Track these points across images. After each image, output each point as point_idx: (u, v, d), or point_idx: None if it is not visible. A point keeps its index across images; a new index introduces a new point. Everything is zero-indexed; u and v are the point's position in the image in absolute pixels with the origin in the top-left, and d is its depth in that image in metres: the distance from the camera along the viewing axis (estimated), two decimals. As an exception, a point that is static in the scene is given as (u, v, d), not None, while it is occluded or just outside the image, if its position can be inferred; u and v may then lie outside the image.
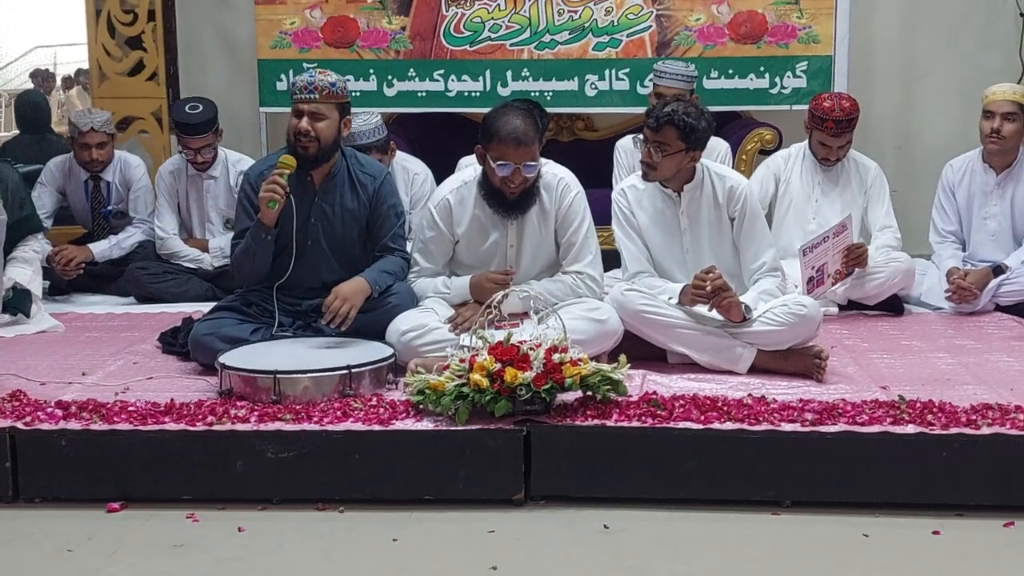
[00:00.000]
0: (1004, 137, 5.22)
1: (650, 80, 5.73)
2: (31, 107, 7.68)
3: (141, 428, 3.43)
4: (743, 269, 4.24)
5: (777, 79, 6.21)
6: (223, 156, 5.79)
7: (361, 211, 4.28)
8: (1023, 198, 5.31)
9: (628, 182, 4.36)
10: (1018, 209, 5.32)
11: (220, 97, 6.64)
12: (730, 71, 6.22)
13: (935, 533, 3.16)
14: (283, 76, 6.36)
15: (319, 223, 4.23)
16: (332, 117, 4.14)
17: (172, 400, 3.63)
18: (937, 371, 4.11)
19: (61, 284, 5.72)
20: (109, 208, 5.93)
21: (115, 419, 3.48)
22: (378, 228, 4.30)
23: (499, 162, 4.03)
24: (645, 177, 4.23)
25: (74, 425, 3.45)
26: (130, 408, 3.57)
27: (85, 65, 7.37)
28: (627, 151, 5.39)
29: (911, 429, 3.35)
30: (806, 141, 5.45)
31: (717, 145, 5.42)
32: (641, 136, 4.29)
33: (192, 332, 4.15)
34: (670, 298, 4.13)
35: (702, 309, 4.07)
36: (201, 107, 5.60)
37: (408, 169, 5.61)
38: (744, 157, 6.10)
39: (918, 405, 3.52)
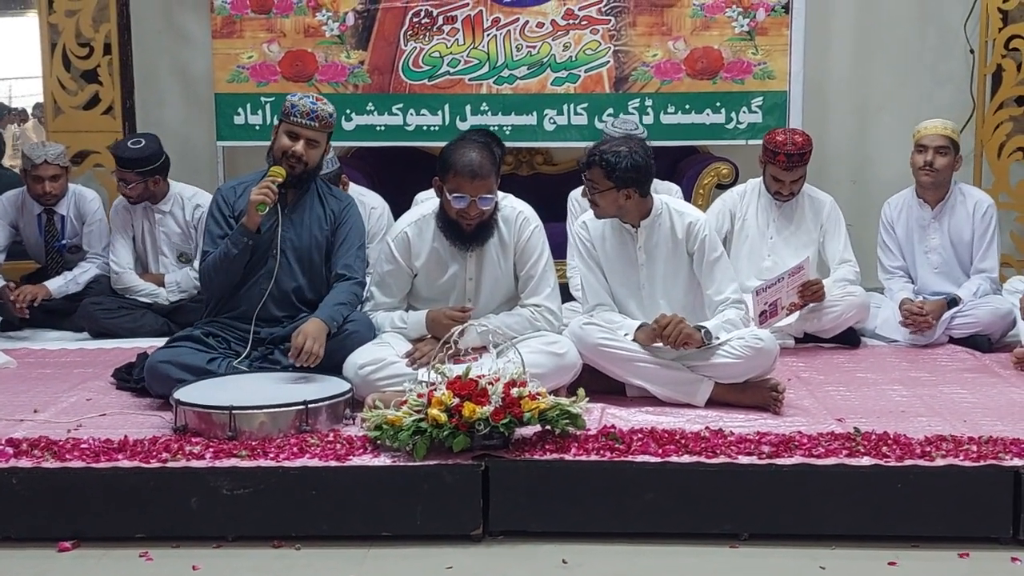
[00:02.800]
0: (937, 170, 5.29)
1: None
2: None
3: (94, 465, 3.39)
4: (706, 303, 4.25)
5: (733, 114, 6.27)
6: (177, 191, 5.74)
7: (328, 227, 4.33)
8: (958, 229, 5.38)
9: (589, 215, 4.38)
10: (956, 240, 5.39)
11: (177, 131, 6.66)
12: (686, 106, 6.27)
13: (891, 564, 3.18)
14: (240, 110, 6.35)
15: (287, 236, 4.26)
16: (322, 145, 4.29)
17: (126, 437, 3.60)
18: (892, 403, 4.15)
19: (14, 320, 5.65)
20: (63, 242, 5.87)
21: (67, 456, 3.44)
22: (338, 248, 4.33)
23: (455, 194, 4.04)
24: (596, 216, 4.27)
25: (25, 463, 3.41)
26: (83, 445, 3.53)
27: (40, 98, 7.30)
28: (579, 201, 5.40)
29: (866, 461, 3.38)
30: (761, 177, 5.50)
31: (668, 188, 5.44)
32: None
33: (148, 360, 4.12)
34: (626, 334, 4.14)
35: (659, 344, 4.08)
36: (142, 144, 5.54)
37: (365, 203, 5.58)
38: (701, 191, 6.16)
39: (873, 437, 3.56)
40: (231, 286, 4.25)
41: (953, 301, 5.20)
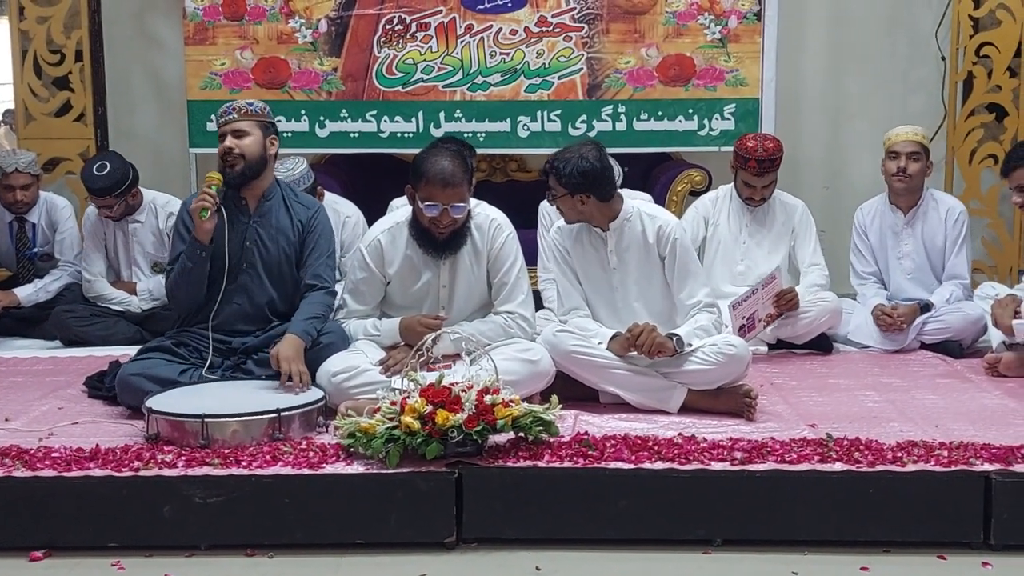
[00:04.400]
0: (910, 176, 5.34)
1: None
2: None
3: (65, 474, 3.37)
4: (678, 307, 4.27)
5: (706, 121, 6.30)
6: (150, 199, 5.70)
7: (295, 236, 4.29)
8: (932, 235, 5.43)
9: (563, 220, 4.39)
10: (929, 245, 5.44)
11: (149, 138, 6.64)
12: (659, 113, 6.30)
13: (863, 569, 3.18)
14: (213, 117, 6.26)
15: (254, 247, 4.24)
16: (255, 134, 4.21)
17: (97, 445, 3.58)
18: (864, 409, 4.17)
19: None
20: (35, 250, 5.85)
21: (38, 465, 3.42)
22: (308, 255, 4.30)
23: (427, 203, 4.04)
24: (565, 221, 4.32)
25: (-5, 472, 3.38)
26: (54, 454, 3.51)
27: (11, 105, 7.27)
28: (549, 212, 5.41)
29: (838, 467, 3.39)
30: (733, 183, 5.52)
31: (639, 198, 5.44)
32: None
33: (119, 373, 4.09)
34: (600, 342, 4.15)
35: (633, 353, 4.09)
36: (108, 168, 5.42)
37: (339, 212, 5.58)
38: (674, 198, 6.17)
39: (845, 443, 3.57)
40: (197, 299, 4.22)
41: (926, 307, 5.24)
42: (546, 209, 5.48)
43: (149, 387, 3.94)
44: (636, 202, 4.39)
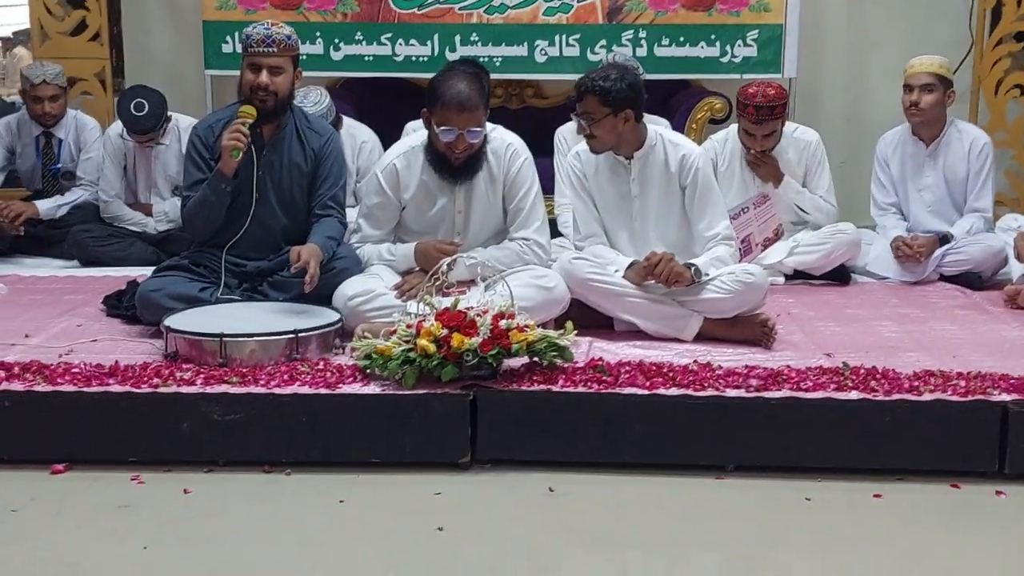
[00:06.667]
0: (923, 109, 5.26)
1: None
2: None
3: (85, 389, 3.40)
4: (697, 238, 4.23)
5: (728, 47, 6.21)
6: (174, 122, 5.67)
7: (308, 166, 4.26)
8: (954, 167, 5.37)
9: (583, 146, 4.33)
10: (951, 178, 5.38)
11: (164, 59, 6.59)
12: (681, 39, 6.21)
13: (876, 496, 3.21)
14: (228, 38, 6.25)
15: (267, 176, 4.21)
16: (288, 71, 4.16)
17: (117, 362, 3.60)
18: (882, 339, 4.16)
19: (2, 245, 5.67)
20: (58, 166, 5.92)
21: (59, 380, 3.45)
22: (320, 183, 4.27)
23: (443, 127, 4.00)
24: (592, 151, 4.22)
25: (17, 386, 3.42)
26: (74, 370, 3.54)
27: (19, 26, 7.26)
28: (567, 138, 5.34)
29: (854, 395, 3.39)
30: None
31: (657, 123, 5.36)
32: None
33: (139, 290, 4.11)
34: (616, 270, 4.13)
35: (650, 281, 4.07)
36: (147, 107, 5.44)
37: (356, 136, 5.55)
38: (694, 126, 6.12)
39: (862, 372, 3.57)
40: (214, 229, 4.21)
41: (945, 238, 5.20)
42: (563, 134, 5.43)
43: (170, 304, 3.96)
44: (659, 128, 4.34)
